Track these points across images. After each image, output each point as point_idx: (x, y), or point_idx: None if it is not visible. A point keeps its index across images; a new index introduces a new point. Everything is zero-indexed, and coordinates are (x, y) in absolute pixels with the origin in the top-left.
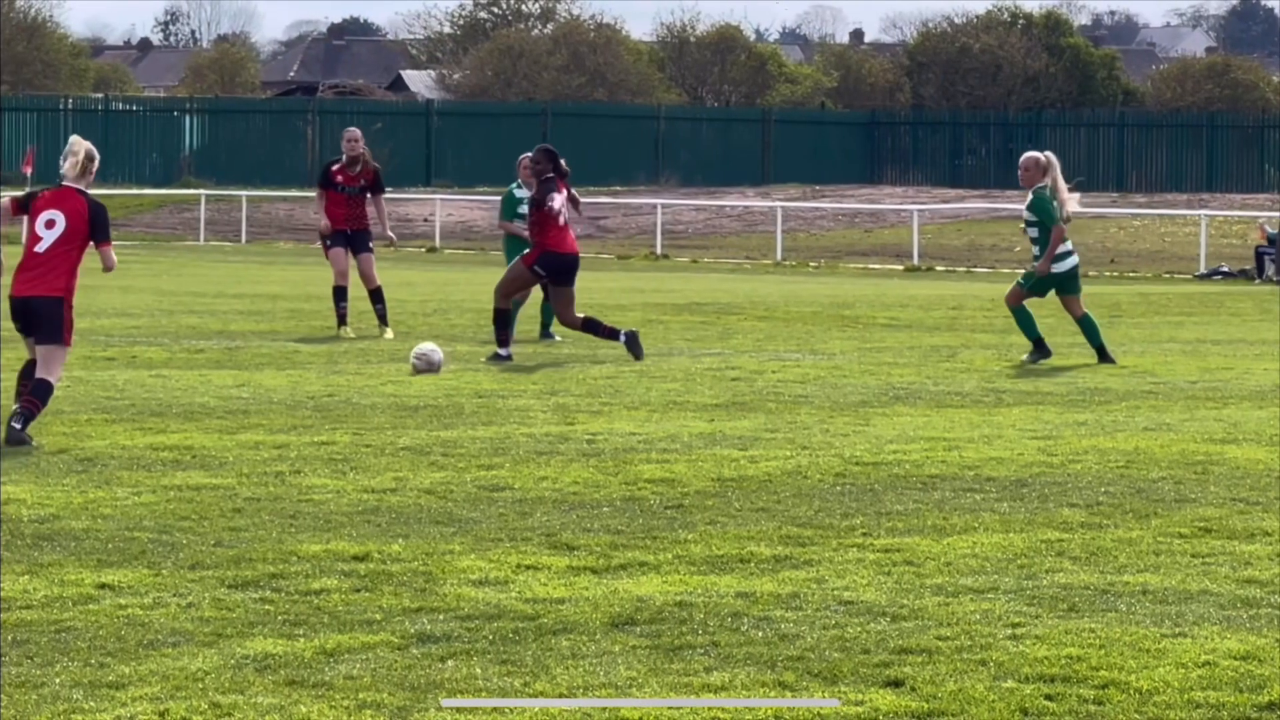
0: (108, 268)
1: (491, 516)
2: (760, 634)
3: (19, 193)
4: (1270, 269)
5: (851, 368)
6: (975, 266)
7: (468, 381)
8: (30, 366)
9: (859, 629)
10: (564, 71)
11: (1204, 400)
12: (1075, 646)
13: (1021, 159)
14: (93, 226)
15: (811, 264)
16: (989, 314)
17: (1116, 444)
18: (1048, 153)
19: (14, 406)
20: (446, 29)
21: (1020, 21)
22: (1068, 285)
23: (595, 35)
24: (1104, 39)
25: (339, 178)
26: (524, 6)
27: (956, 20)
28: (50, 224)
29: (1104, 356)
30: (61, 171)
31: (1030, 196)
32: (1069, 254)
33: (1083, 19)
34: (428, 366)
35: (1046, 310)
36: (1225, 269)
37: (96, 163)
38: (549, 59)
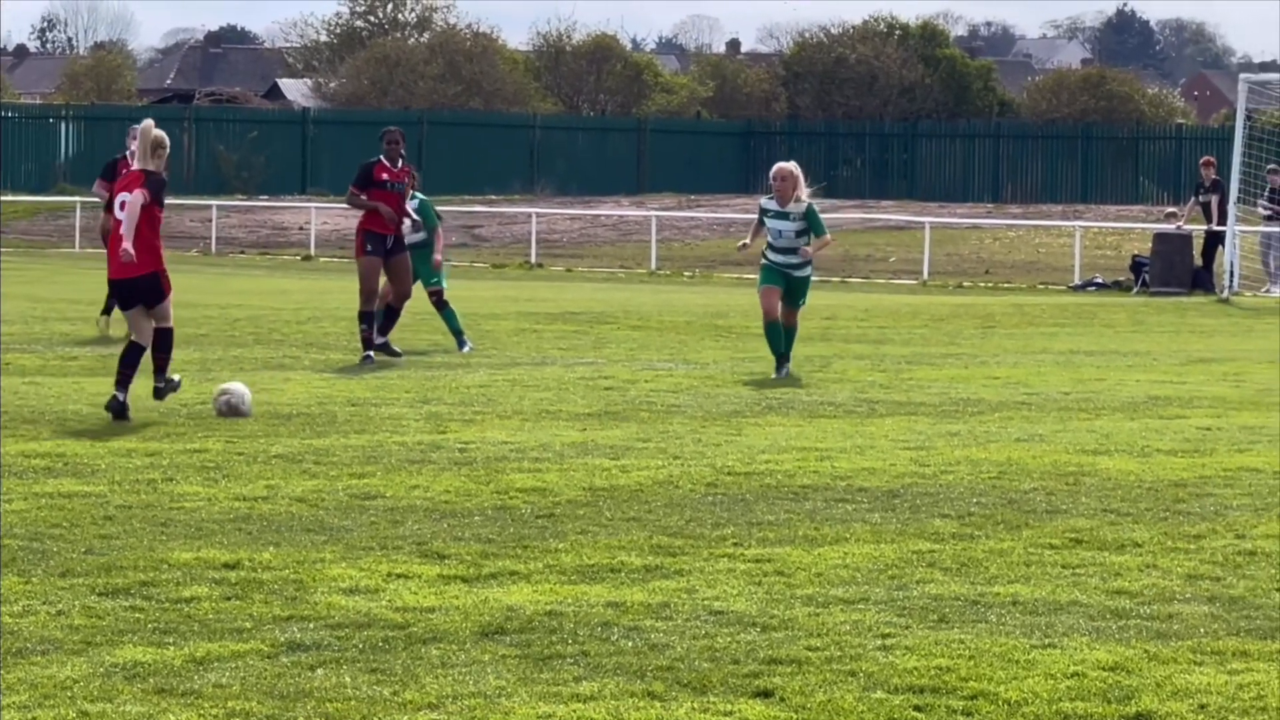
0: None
1: (363, 525)
2: (630, 644)
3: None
4: (1144, 280)
5: (724, 377)
6: (849, 277)
7: (341, 390)
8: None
9: (729, 639)
10: (440, 80)
11: (1076, 411)
12: (945, 657)
13: (785, 170)
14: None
15: (686, 273)
16: (863, 324)
17: (989, 455)
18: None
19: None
20: (323, 37)
21: (896, 32)
22: (802, 292)
23: (471, 44)
24: (980, 50)
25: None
26: (400, 15)
27: (833, 30)
28: (122, 205)
29: (782, 364)
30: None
31: (805, 206)
32: (809, 263)
33: (959, 30)
34: (230, 410)
35: (932, 319)
36: (1100, 280)
37: (165, 148)
38: (425, 68)
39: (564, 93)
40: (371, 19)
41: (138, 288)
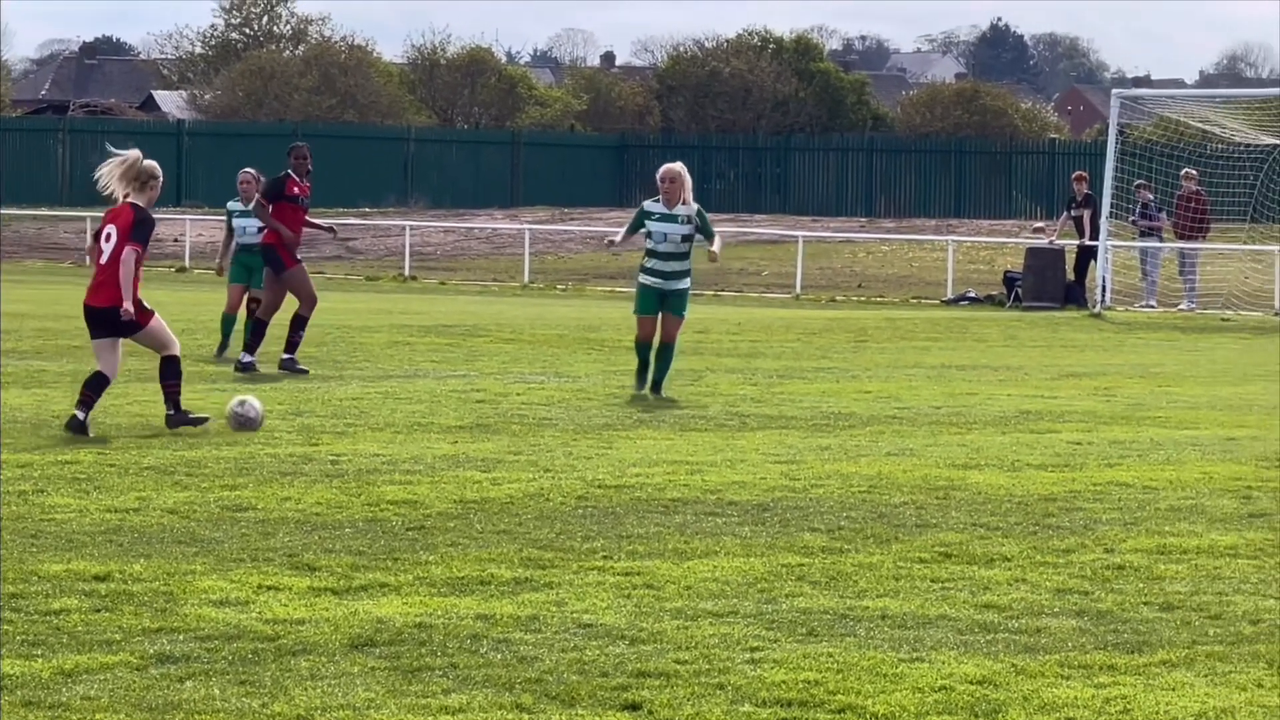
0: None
1: (234, 537)
2: (499, 656)
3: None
4: (1015, 295)
5: (596, 390)
6: (722, 290)
7: (214, 402)
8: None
9: (597, 652)
10: (315, 93)
11: (947, 425)
12: (813, 671)
13: (674, 170)
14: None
15: (559, 286)
16: (735, 338)
17: (859, 469)
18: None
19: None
20: (198, 49)
21: (771, 46)
22: (683, 303)
23: (346, 57)
24: (855, 64)
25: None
26: (276, 28)
27: (707, 44)
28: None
29: (657, 389)
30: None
31: (694, 207)
32: (688, 273)
33: (834, 44)
34: (246, 423)
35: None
36: (972, 294)
37: (158, 179)
38: (300, 80)
39: (438, 106)
40: (246, 31)
41: (108, 318)
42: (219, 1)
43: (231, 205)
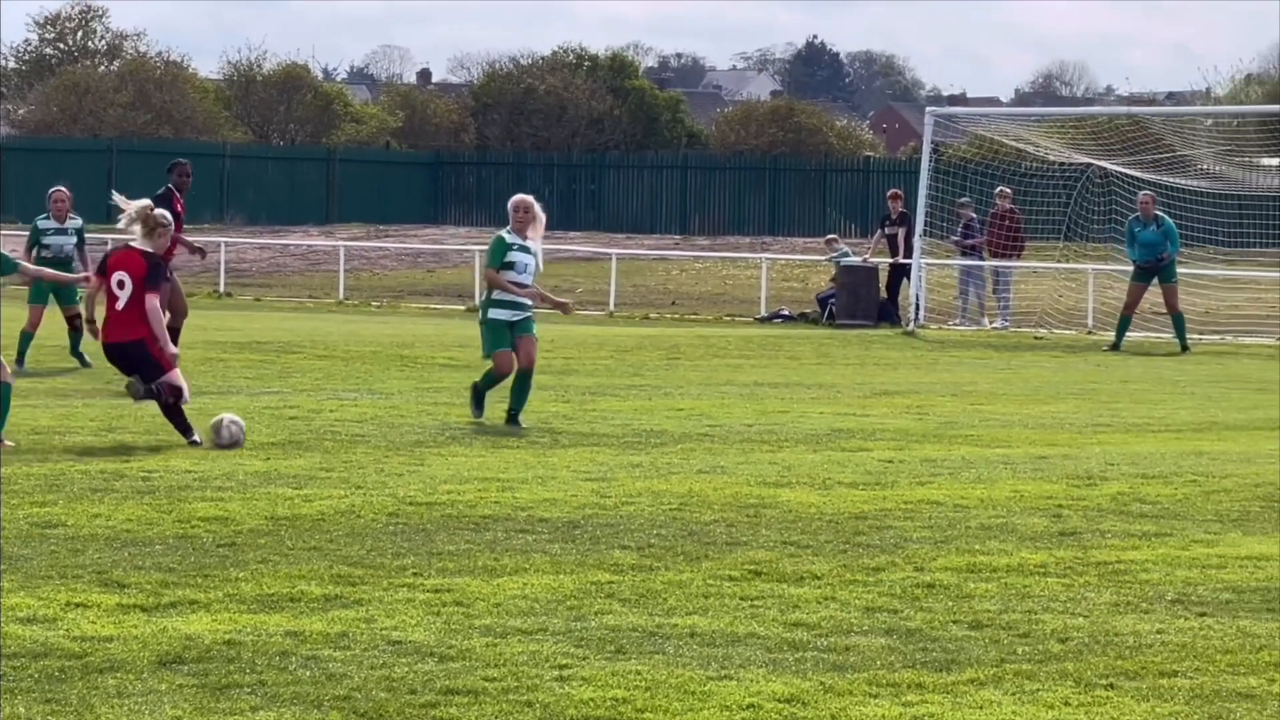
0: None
1: (43, 554)
2: (308, 673)
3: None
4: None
5: (409, 407)
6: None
7: (25, 418)
8: None
9: (406, 669)
10: (130, 108)
11: (759, 443)
12: (621, 688)
13: (527, 201)
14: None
15: (374, 303)
16: (548, 355)
17: (670, 486)
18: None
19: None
20: (11, 64)
21: (586, 63)
22: (529, 323)
23: (162, 73)
24: (670, 81)
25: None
26: (90, 43)
27: (522, 61)
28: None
29: (515, 420)
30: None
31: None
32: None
33: (649, 61)
34: (231, 440)
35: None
36: (786, 312)
37: (168, 227)
38: (115, 95)
39: (254, 122)
40: (61, 46)
41: (128, 353)
42: (33, 16)
43: (42, 223)
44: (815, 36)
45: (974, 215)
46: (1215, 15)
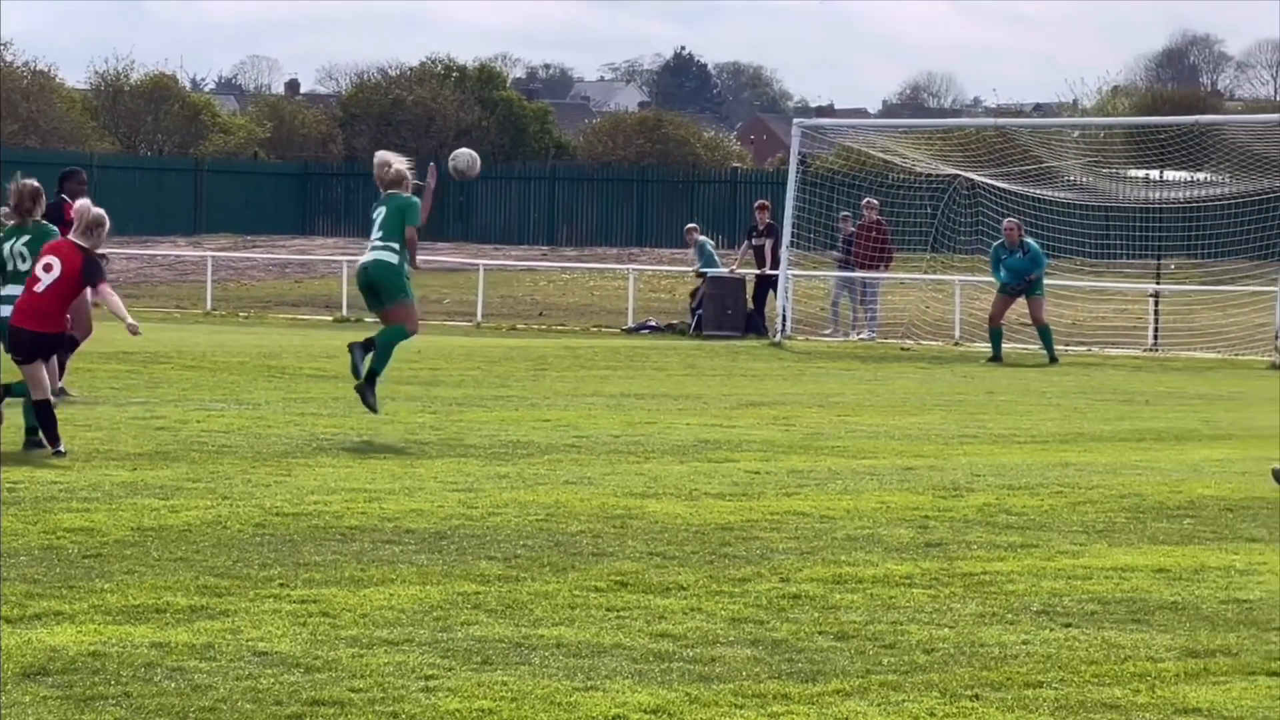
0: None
1: None
2: (173, 684)
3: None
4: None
5: (276, 418)
6: None
7: None
8: None
9: (272, 680)
10: None
11: (626, 454)
12: (488, 699)
13: (384, 156)
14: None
15: (241, 314)
16: (415, 365)
17: (537, 497)
18: None
19: None
20: None
21: (454, 74)
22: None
23: (29, 83)
24: (538, 92)
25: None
26: None
27: (390, 72)
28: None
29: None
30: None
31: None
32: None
33: (518, 72)
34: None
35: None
36: (653, 323)
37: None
38: None
39: (121, 132)
40: None
41: (40, 343)
42: None
43: None
44: (683, 48)
45: (854, 229)
46: (1082, 27)
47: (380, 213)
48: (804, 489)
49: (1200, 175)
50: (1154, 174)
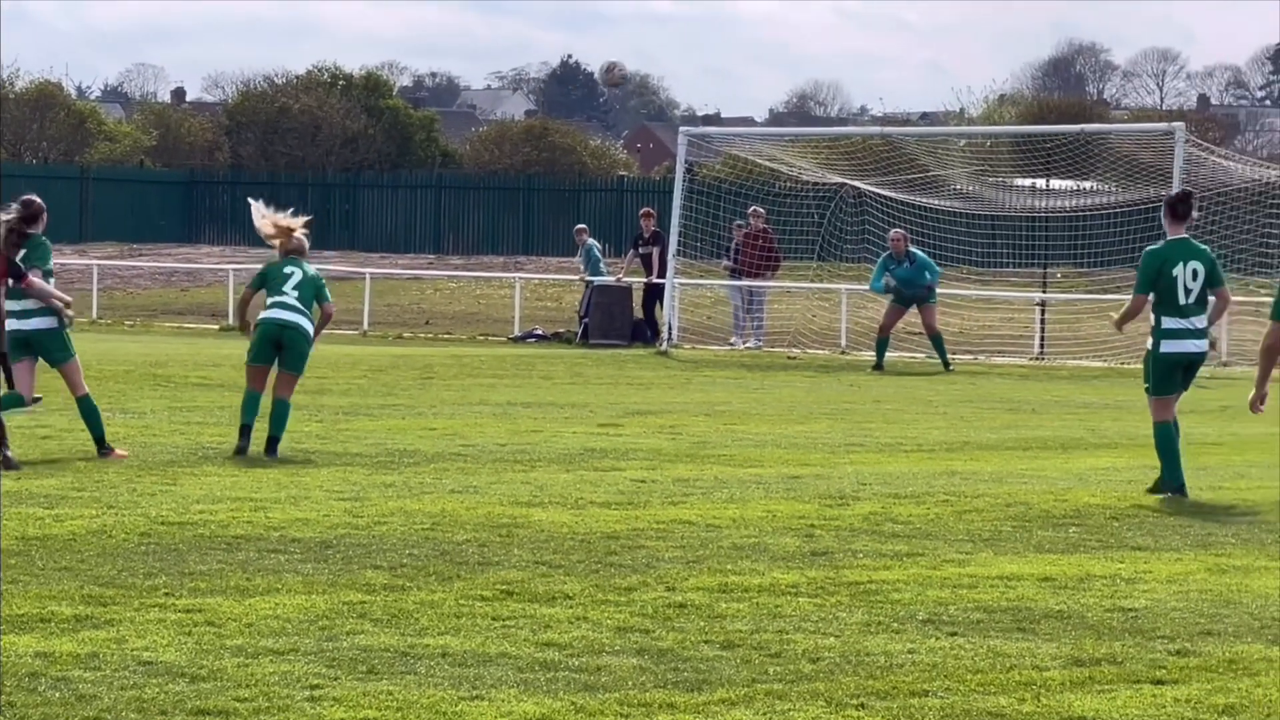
0: None
1: None
2: (57, 694)
3: None
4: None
5: (162, 427)
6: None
7: None
8: None
9: (157, 690)
10: None
11: (512, 463)
12: (373, 709)
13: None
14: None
15: (127, 322)
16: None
17: (423, 506)
18: None
19: None
20: None
21: (341, 82)
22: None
23: None
24: (425, 101)
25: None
26: None
27: (277, 80)
28: None
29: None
30: None
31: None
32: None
33: (404, 81)
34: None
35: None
36: (540, 332)
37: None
38: None
39: (6, 141)
40: None
41: None
42: None
43: None
44: (570, 56)
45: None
46: (968, 36)
47: (295, 275)
48: (690, 498)
49: (1086, 184)
50: (1040, 183)
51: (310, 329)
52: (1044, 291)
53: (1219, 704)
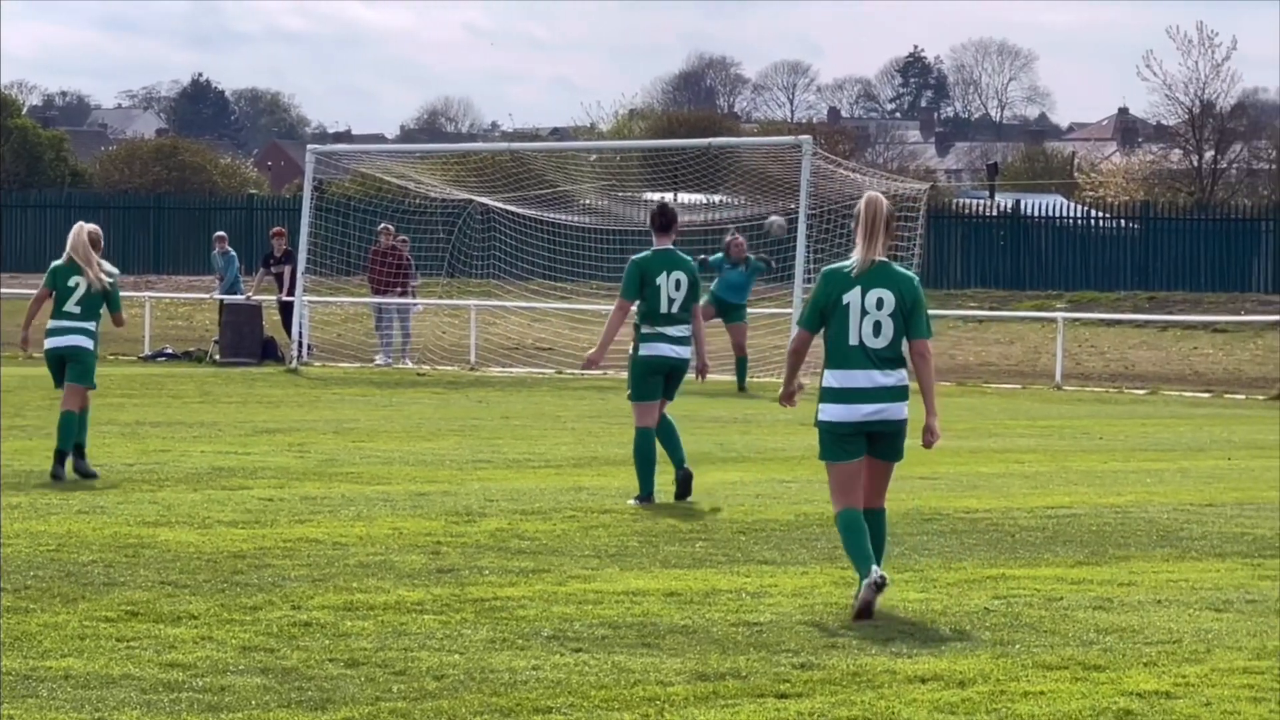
0: None
1: None
2: None
3: None
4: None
5: None
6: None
7: None
8: None
9: None
10: None
11: (140, 482)
12: None
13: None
14: None
15: None
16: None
17: (49, 527)
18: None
19: None
20: None
21: None
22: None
23: None
24: (55, 120)
25: None
26: None
27: None
28: None
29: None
30: None
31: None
32: None
33: (34, 99)
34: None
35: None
36: (170, 351)
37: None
38: None
39: None
40: None
41: None
42: None
43: None
44: (201, 74)
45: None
46: (595, 51)
47: (79, 287)
48: (317, 515)
49: (716, 197)
50: (669, 196)
51: (90, 344)
52: None
53: (842, 716)
